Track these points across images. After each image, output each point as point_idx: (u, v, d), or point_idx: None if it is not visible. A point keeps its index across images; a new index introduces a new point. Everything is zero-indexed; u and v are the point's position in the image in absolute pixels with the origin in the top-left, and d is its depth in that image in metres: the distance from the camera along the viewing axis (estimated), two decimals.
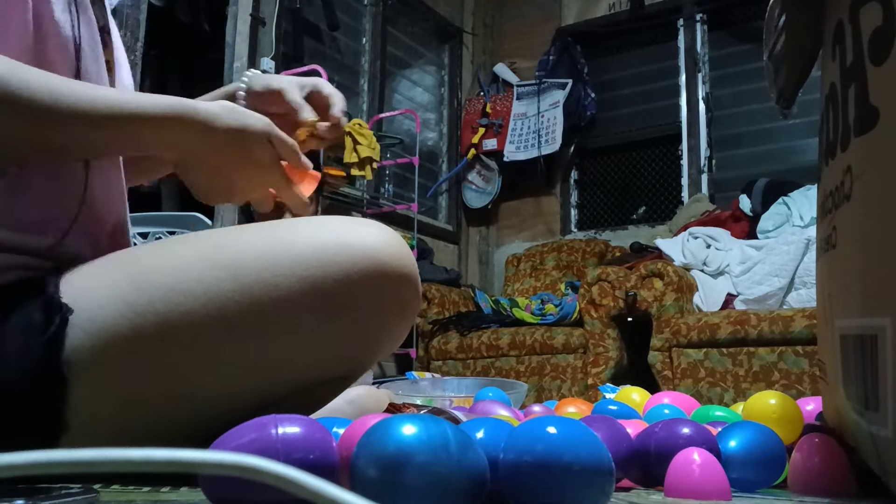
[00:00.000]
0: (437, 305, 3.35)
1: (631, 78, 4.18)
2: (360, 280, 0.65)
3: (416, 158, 3.61)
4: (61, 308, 0.60)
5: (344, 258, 0.65)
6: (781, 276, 2.70)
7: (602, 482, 0.46)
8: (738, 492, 0.63)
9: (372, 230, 0.68)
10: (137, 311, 0.61)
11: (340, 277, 0.64)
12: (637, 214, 4.09)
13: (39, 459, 0.26)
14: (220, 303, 0.62)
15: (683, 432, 0.63)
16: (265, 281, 0.63)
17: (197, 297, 0.62)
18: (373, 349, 0.72)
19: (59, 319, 0.59)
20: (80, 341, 0.60)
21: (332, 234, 0.66)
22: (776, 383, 2.42)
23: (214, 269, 0.63)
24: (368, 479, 0.42)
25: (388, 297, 0.67)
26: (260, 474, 0.27)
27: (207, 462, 0.27)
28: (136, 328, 0.61)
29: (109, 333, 0.60)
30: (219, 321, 0.62)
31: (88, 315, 0.60)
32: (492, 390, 1.33)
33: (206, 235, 0.69)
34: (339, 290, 0.65)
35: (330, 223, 0.68)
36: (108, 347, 0.60)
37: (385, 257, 0.66)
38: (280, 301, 0.63)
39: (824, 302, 0.70)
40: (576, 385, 2.88)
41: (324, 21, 3.40)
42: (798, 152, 3.60)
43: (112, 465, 0.27)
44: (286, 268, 0.63)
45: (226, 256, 0.64)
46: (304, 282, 0.64)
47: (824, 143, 0.69)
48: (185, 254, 0.65)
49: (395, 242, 0.68)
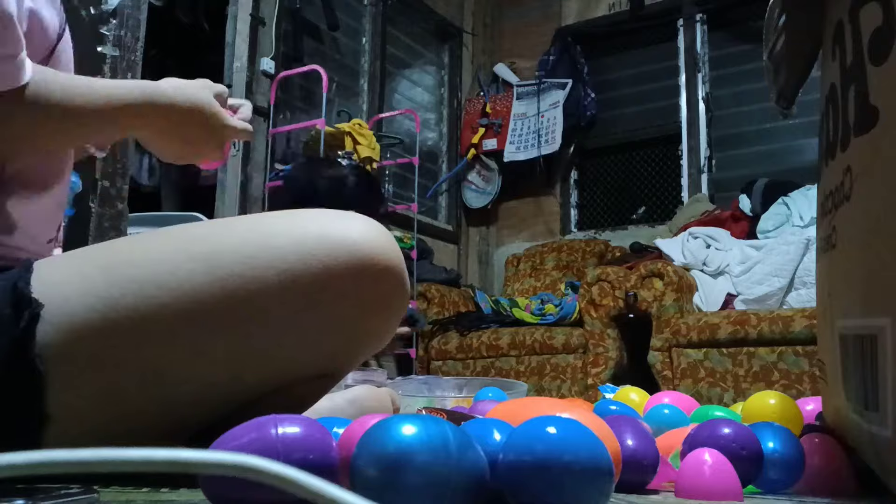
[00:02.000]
0: (437, 305, 3.35)
1: (631, 78, 4.18)
2: (341, 273, 0.64)
3: (416, 158, 3.61)
4: (31, 303, 0.60)
5: (323, 251, 0.64)
6: (781, 276, 2.70)
7: (602, 482, 0.46)
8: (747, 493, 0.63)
9: (354, 223, 0.67)
10: (109, 305, 0.60)
11: (320, 271, 0.63)
12: (637, 214, 4.09)
13: (39, 459, 0.26)
14: (194, 295, 0.61)
15: (725, 433, 0.64)
16: (241, 273, 0.62)
17: (171, 290, 0.61)
18: (356, 345, 0.70)
19: (28, 315, 0.59)
20: (50, 336, 0.59)
21: (312, 227, 0.65)
22: (776, 383, 2.42)
23: (190, 262, 0.62)
24: (368, 479, 0.42)
25: (370, 292, 0.66)
26: (260, 474, 0.27)
27: (207, 462, 0.27)
28: (108, 321, 0.60)
29: (81, 327, 0.60)
30: (193, 314, 0.61)
31: (59, 309, 0.60)
32: (492, 390, 1.33)
33: (184, 228, 0.68)
34: (318, 283, 0.63)
35: (310, 215, 0.67)
36: (80, 341, 0.60)
37: (368, 250, 0.65)
38: (257, 294, 0.62)
39: (824, 302, 0.70)
40: (576, 385, 2.88)
41: (324, 21, 3.40)
42: (798, 152, 3.60)
43: (112, 465, 0.27)
44: (264, 260, 0.63)
45: (202, 249, 0.63)
46: (282, 275, 0.63)
47: (824, 143, 0.69)
48: (160, 247, 0.64)
49: (379, 235, 0.67)
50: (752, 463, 0.63)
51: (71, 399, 0.61)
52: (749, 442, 0.63)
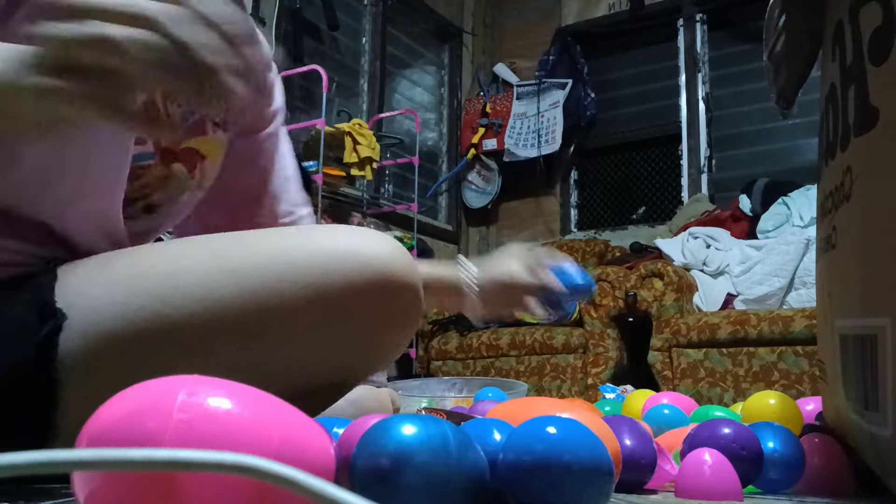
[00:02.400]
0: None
1: (631, 78, 4.18)
2: (365, 290, 0.65)
3: (416, 158, 3.61)
4: (55, 311, 0.60)
5: (350, 268, 0.65)
6: (781, 276, 2.70)
7: (602, 482, 0.46)
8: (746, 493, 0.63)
9: (381, 241, 0.68)
10: (136, 313, 0.60)
11: (346, 287, 0.64)
12: (637, 214, 4.09)
13: (39, 459, 0.26)
14: (222, 306, 0.62)
15: (725, 433, 0.64)
16: (269, 287, 0.63)
17: (198, 301, 0.61)
18: (374, 358, 0.72)
19: (52, 323, 0.59)
20: (76, 343, 0.59)
21: (341, 244, 0.66)
22: (776, 383, 2.42)
23: (218, 273, 0.63)
24: (368, 479, 0.42)
25: (391, 308, 0.68)
26: (260, 474, 0.27)
27: (207, 462, 0.28)
28: (134, 330, 0.60)
29: (107, 334, 0.60)
30: (219, 325, 0.62)
31: (85, 316, 0.60)
32: (492, 390, 1.33)
33: (212, 239, 0.68)
34: (343, 299, 0.65)
35: (339, 232, 0.68)
36: (104, 349, 0.60)
37: (392, 269, 0.66)
38: (283, 308, 0.63)
39: (824, 302, 0.70)
40: (576, 385, 2.88)
41: (324, 21, 3.40)
42: (798, 152, 3.60)
43: (112, 465, 0.27)
44: (292, 275, 0.63)
45: (231, 261, 0.64)
46: (308, 289, 0.63)
47: (824, 143, 0.69)
48: (189, 256, 0.65)
49: (400, 253, 0.69)
50: (752, 463, 0.63)
51: (83, 411, 0.60)
52: (749, 442, 0.63)
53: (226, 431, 0.34)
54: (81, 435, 0.35)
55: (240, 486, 0.31)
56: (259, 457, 0.28)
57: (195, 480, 0.31)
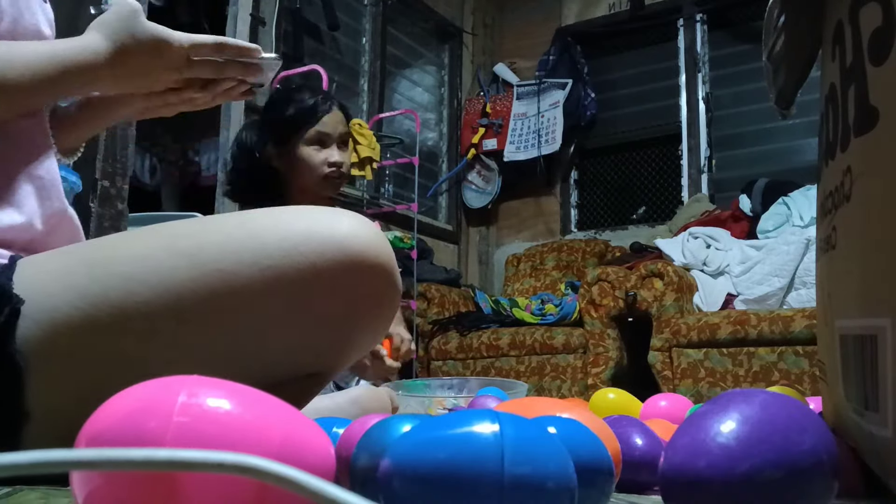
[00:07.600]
0: (437, 305, 3.35)
1: (631, 78, 4.18)
2: (328, 270, 0.63)
3: (416, 158, 3.61)
4: (11, 298, 0.59)
5: (310, 248, 0.62)
6: (781, 276, 2.70)
7: (602, 482, 0.46)
8: None
9: (342, 219, 0.66)
10: (91, 301, 0.60)
11: (305, 267, 0.62)
12: (637, 214, 4.10)
13: (39, 459, 0.26)
14: (176, 291, 0.61)
15: None
16: (225, 269, 0.61)
17: (153, 287, 0.60)
18: (345, 344, 0.69)
19: (8, 310, 0.59)
20: (31, 331, 0.59)
21: (299, 224, 0.64)
22: (776, 383, 2.42)
23: (173, 258, 0.61)
24: (368, 479, 0.42)
25: (359, 289, 0.65)
26: (260, 474, 0.27)
27: (207, 462, 0.28)
28: (89, 318, 0.60)
29: (63, 324, 0.60)
30: (174, 311, 0.61)
31: (41, 305, 0.60)
32: (492, 390, 1.33)
33: (170, 225, 0.67)
34: (304, 280, 0.62)
35: (297, 212, 0.66)
36: (61, 337, 0.60)
37: (356, 247, 0.64)
38: (240, 291, 0.61)
39: (824, 302, 0.70)
40: (576, 385, 2.88)
41: (324, 21, 3.40)
42: (798, 152, 3.60)
43: (112, 465, 0.27)
44: (248, 257, 0.62)
45: (186, 245, 0.62)
46: (266, 271, 0.62)
47: (824, 144, 0.69)
48: (145, 243, 0.64)
49: (368, 232, 0.66)
50: None
51: (52, 396, 0.60)
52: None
53: (226, 432, 0.34)
54: (81, 435, 0.35)
55: (240, 486, 0.31)
56: (259, 457, 0.28)
57: (195, 481, 0.31)
